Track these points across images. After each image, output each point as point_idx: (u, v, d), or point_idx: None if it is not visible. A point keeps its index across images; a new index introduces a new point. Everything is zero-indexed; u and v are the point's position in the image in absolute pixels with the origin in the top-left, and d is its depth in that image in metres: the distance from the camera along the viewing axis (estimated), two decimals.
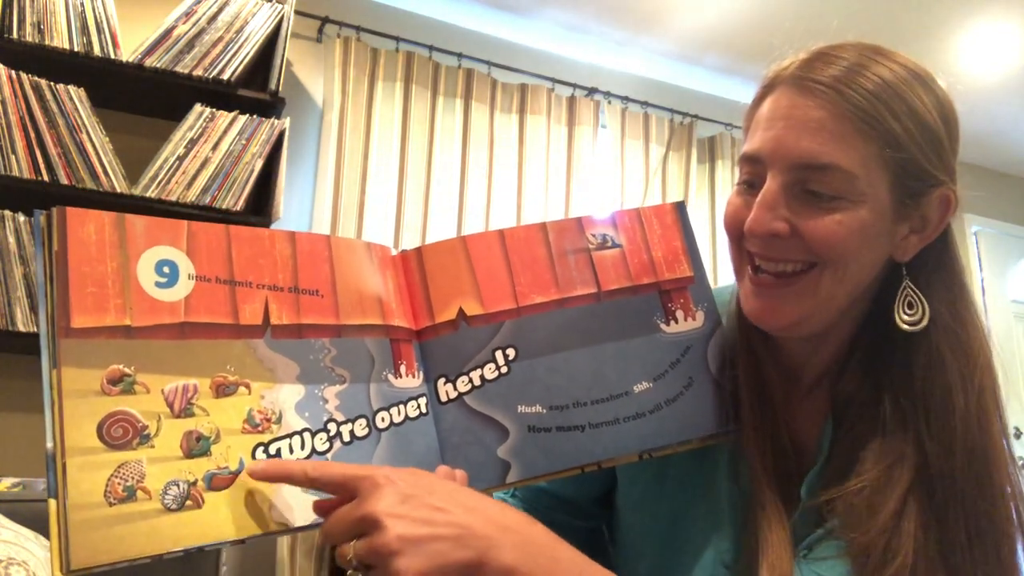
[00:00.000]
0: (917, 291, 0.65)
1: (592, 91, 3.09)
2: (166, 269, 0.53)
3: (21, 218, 1.98)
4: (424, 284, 0.64)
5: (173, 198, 2.12)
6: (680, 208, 0.71)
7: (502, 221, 2.80)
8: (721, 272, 3.18)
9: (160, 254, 0.53)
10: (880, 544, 0.60)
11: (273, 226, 2.28)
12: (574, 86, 3.06)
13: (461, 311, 0.63)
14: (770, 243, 0.63)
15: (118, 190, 2.07)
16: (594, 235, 0.68)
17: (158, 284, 0.52)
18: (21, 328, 1.95)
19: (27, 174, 1.99)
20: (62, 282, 0.49)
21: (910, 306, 0.65)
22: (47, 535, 1.01)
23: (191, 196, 2.13)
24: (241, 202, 2.18)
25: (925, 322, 0.64)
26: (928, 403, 0.63)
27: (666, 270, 0.69)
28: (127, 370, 0.50)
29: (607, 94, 3.12)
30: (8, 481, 1.79)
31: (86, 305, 0.49)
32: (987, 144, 3.68)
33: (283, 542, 2.33)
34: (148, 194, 2.09)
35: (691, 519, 0.71)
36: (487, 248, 0.65)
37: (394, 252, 0.65)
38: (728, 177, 3.29)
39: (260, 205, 2.28)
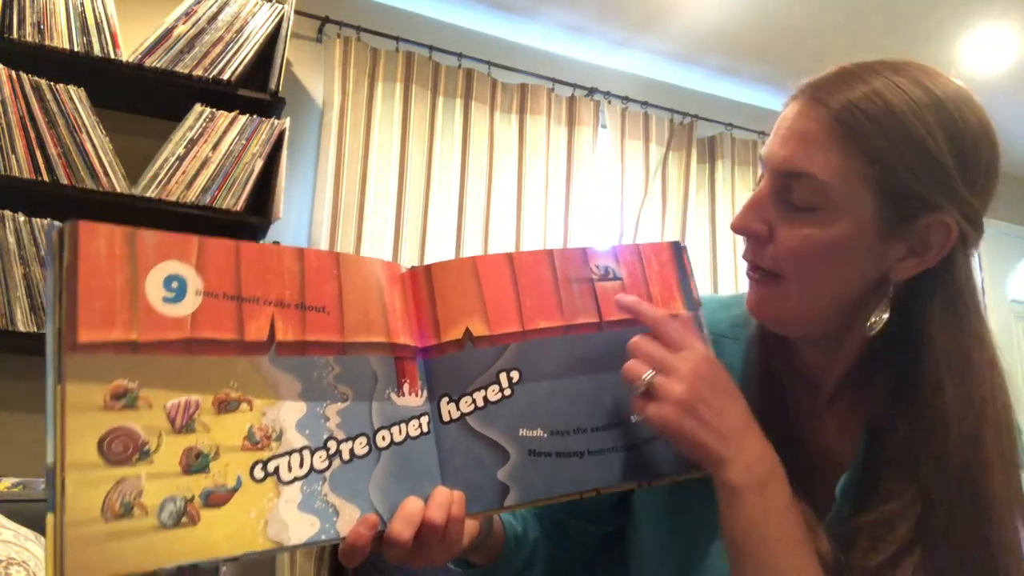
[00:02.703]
0: (890, 304, 0.65)
1: (592, 91, 3.09)
2: (175, 284, 0.53)
3: (21, 218, 1.98)
4: (432, 302, 0.64)
5: (173, 198, 2.12)
6: (676, 247, 0.72)
7: (502, 221, 2.80)
8: (721, 271, 3.19)
9: (169, 269, 0.53)
10: None
11: (273, 226, 2.28)
12: (574, 86, 3.06)
13: (468, 331, 0.63)
14: (750, 244, 0.67)
15: (118, 190, 2.07)
16: (597, 266, 0.69)
17: (166, 299, 0.52)
18: (21, 328, 1.95)
19: (27, 174, 1.99)
20: (71, 296, 0.49)
21: (878, 315, 0.65)
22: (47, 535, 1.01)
23: (191, 196, 2.13)
24: (241, 202, 2.18)
25: (879, 327, 0.65)
26: (928, 423, 0.63)
27: (662, 305, 0.70)
28: (131, 385, 0.50)
29: (607, 94, 3.12)
30: (8, 481, 1.79)
31: (93, 320, 0.49)
32: None
33: None
34: (148, 194, 2.09)
35: (712, 533, 0.70)
36: (496, 270, 0.66)
37: (403, 269, 0.65)
38: (728, 177, 3.29)
39: (260, 205, 2.28)
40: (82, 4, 2.14)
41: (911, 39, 2.95)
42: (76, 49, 2.11)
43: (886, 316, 0.65)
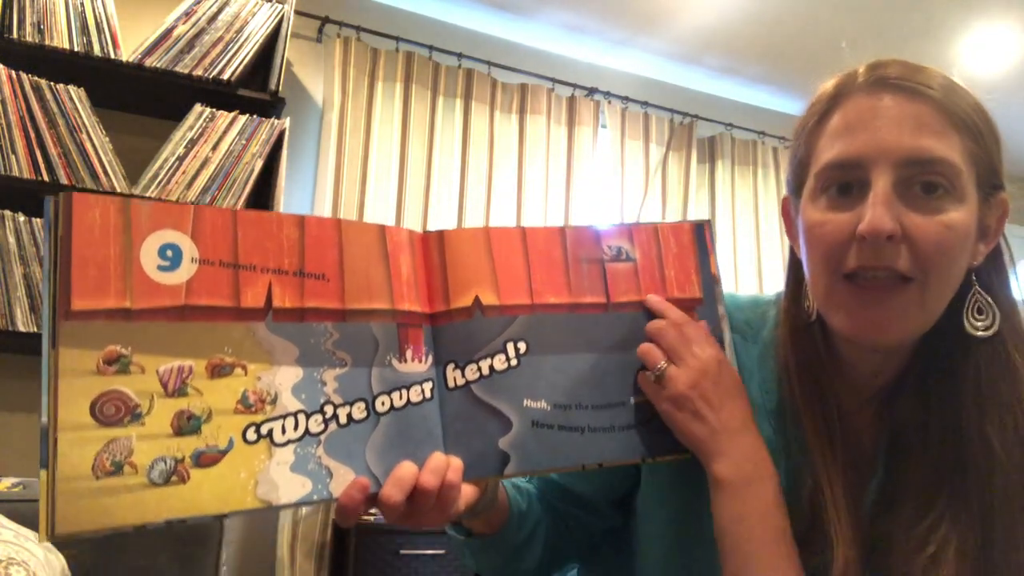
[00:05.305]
0: (987, 296, 0.64)
1: (592, 91, 3.09)
2: (169, 253, 0.54)
3: (21, 218, 1.98)
4: (443, 268, 0.64)
5: (173, 198, 2.12)
6: (698, 228, 0.71)
7: (502, 221, 2.80)
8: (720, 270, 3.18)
9: (164, 238, 0.54)
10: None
11: None
12: (574, 86, 3.06)
13: (477, 299, 0.64)
14: (882, 248, 0.60)
15: (118, 190, 2.07)
16: (610, 247, 0.69)
17: (160, 267, 0.53)
18: (21, 328, 1.95)
19: (27, 174, 1.99)
20: (64, 265, 0.50)
21: (979, 311, 0.64)
22: None
23: (191, 196, 2.13)
24: (241, 202, 2.18)
25: (996, 327, 0.64)
26: (994, 405, 0.63)
27: (676, 288, 0.69)
28: (123, 351, 0.51)
29: (607, 94, 3.12)
30: (8, 481, 1.78)
31: (87, 288, 0.51)
32: None
33: (283, 542, 2.33)
34: (148, 194, 2.09)
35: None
36: (508, 242, 0.66)
37: (414, 232, 0.65)
38: (728, 177, 3.29)
39: (260, 205, 2.28)
40: (82, 4, 2.14)
41: (911, 39, 2.95)
42: (76, 49, 2.11)
43: (997, 310, 0.64)
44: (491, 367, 0.63)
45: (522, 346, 0.64)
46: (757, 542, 0.62)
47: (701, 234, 0.72)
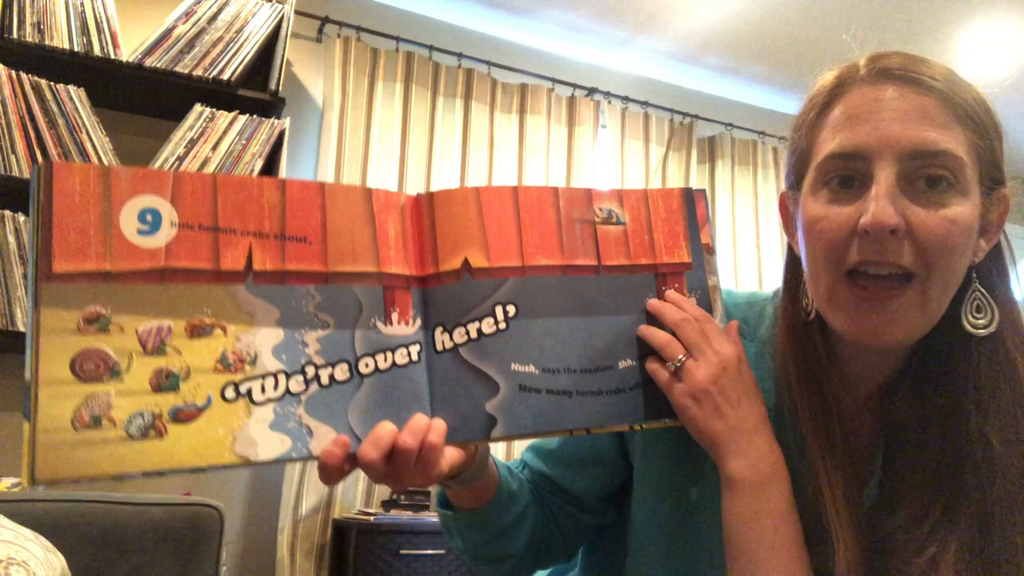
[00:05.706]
0: (986, 294, 0.64)
1: (592, 91, 3.10)
2: (149, 217, 0.55)
3: (21, 218, 1.98)
4: (432, 230, 0.63)
5: None
6: (687, 194, 0.71)
7: None
8: (719, 270, 3.18)
9: (144, 203, 0.55)
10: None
11: None
12: (574, 86, 3.06)
13: (466, 262, 0.63)
14: (885, 242, 0.59)
15: None
16: (601, 209, 0.68)
17: (140, 231, 0.54)
18: (21, 328, 1.96)
19: (27, 174, 1.99)
20: (46, 230, 0.52)
21: (978, 309, 0.64)
22: (47, 535, 1.01)
23: None
24: None
25: (994, 326, 0.63)
26: (995, 405, 0.63)
27: (665, 253, 0.69)
28: (103, 311, 0.53)
29: (607, 94, 3.13)
30: (8, 481, 1.78)
31: (68, 251, 0.52)
32: None
33: (283, 542, 2.33)
34: None
35: (714, 549, 0.68)
36: (500, 202, 0.65)
37: (406, 196, 0.65)
38: (728, 177, 3.29)
39: None
40: (82, 4, 2.14)
41: (911, 39, 2.95)
42: (76, 49, 2.11)
43: (996, 309, 0.63)
44: (479, 330, 0.62)
45: (511, 309, 0.63)
46: (769, 543, 0.61)
47: (691, 200, 0.71)
